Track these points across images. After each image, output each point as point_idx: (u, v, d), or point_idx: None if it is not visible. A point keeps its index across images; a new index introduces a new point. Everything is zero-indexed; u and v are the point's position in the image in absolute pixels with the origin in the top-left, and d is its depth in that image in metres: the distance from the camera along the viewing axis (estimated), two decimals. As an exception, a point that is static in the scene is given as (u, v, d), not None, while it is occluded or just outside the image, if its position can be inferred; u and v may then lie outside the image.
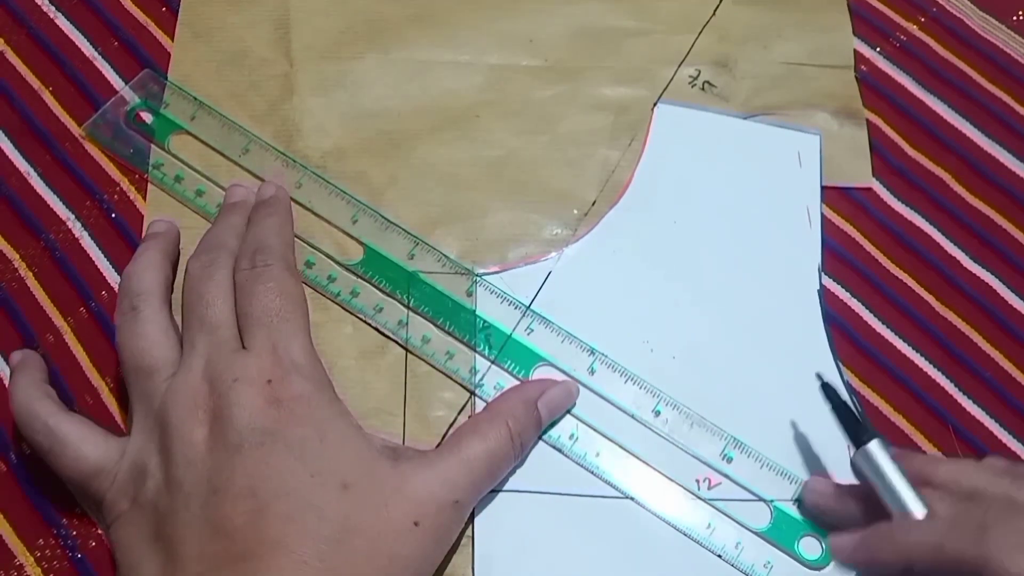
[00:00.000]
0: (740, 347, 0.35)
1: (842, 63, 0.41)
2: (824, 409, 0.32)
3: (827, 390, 0.32)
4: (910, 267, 0.37)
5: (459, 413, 0.34)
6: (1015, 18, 0.42)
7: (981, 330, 0.36)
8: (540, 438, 0.33)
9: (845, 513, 0.31)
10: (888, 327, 0.36)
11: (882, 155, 0.39)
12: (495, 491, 0.32)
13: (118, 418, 0.33)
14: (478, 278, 0.36)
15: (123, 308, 0.31)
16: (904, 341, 0.36)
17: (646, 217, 0.37)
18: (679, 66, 0.40)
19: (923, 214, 0.38)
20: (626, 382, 0.34)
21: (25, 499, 0.32)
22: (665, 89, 0.40)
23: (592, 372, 0.34)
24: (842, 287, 0.37)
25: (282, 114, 0.38)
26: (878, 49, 0.41)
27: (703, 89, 0.40)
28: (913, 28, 0.42)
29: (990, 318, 0.36)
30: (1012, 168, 0.39)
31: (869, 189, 0.38)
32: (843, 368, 0.35)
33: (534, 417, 0.32)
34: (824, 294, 0.36)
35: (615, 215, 0.37)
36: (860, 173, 0.39)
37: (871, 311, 0.36)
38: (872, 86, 0.41)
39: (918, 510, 0.29)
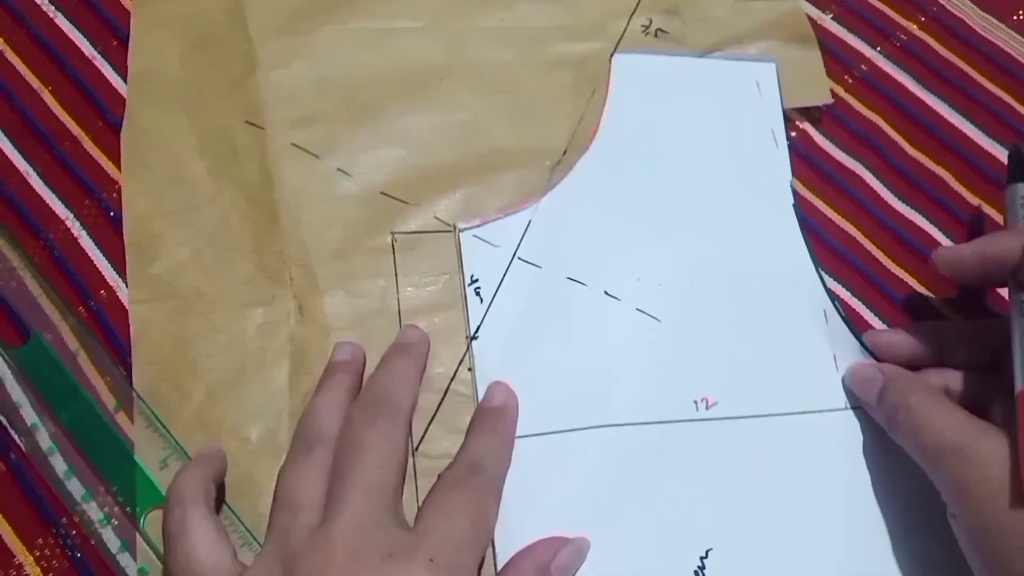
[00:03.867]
0: (724, 266, 0.36)
1: None
2: (809, 321, 0.35)
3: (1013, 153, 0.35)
4: (910, 267, 0.37)
5: (459, 365, 0.34)
6: (1015, 17, 0.42)
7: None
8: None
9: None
10: (888, 326, 0.36)
11: (882, 155, 0.39)
12: None
13: (118, 418, 0.33)
14: (463, 232, 0.36)
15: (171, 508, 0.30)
16: (904, 341, 0.36)
17: (617, 159, 0.38)
18: (631, 17, 0.41)
19: (923, 213, 0.38)
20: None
21: (25, 499, 0.32)
22: (620, 40, 0.40)
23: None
24: (843, 287, 0.37)
25: (247, 89, 0.39)
26: (878, 49, 0.41)
27: (656, 36, 0.41)
28: (913, 28, 0.42)
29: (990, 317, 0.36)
30: (1012, 168, 0.39)
31: (870, 189, 0.38)
32: (824, 275, 0.36)
33: None
34: (799, 208, 0.37)
35: (587, 161, 0.38)
36: (818, 93, 0.40)
37: (872, 311, 0.36)
38: (872, 86, 0.40)
39: None
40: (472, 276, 0.35)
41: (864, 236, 0.38)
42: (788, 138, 0.39)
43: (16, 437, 0.33)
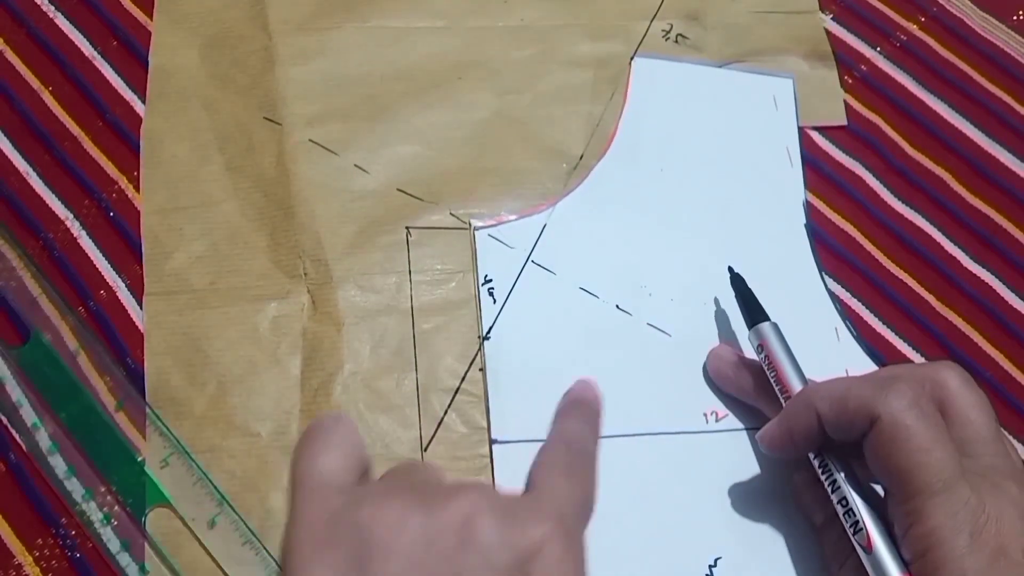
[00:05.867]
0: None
1: (807, 8, 0.42)
2: (819, 338, 0.35)
3: (735, 279, 0.34)
4: (910, 267, 0.37)
5: (470, 365, 0.34)
6: (1015, 18, 0.42)
7: (981, 330, 0.36)
8: None
9: (741, 382, 0.33)
10: (888, 327, 0.36)
11: (882, 155, 0.39)
12: (512, 442, 0.33)
13: (117, 417, 0.33)
14: (478, 231, 0.36)
15: None
16: (904, 341, 0.36)
17: (633, 167, 0.38)
18: (651, 21, 0.41)
19: (923, 214, 0.38)
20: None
21: (25, 499, 0.32)
22: (641, 43, 0.41)
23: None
24: (842, 287, 0.37)
25: (265, 85, 0.39)
26: (878, 49, 0.41)
27: (676, 42, 0.41)
28: (913, 28, 0.42)
29: (990, 317, 0.36)
30: (1012, 168, 0.39)
31: (869, 189, 0.38)
32: (827, 279, 0.36)
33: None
34: (811, 227, 0.37)
35: (603, 167, 0.38)
36: (833, 113, 0.40)
37: (871, 311, 0.36)
38: (872, 86, 0.41)
39: (798, 386, 0.30)
40: (486, 276, 0.35)
41: (864, 236, 0.38)
42: (802, 154, 0.39)
43: (16, 437, 0.33)
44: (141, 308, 0.35)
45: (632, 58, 0.40)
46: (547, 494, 0.25)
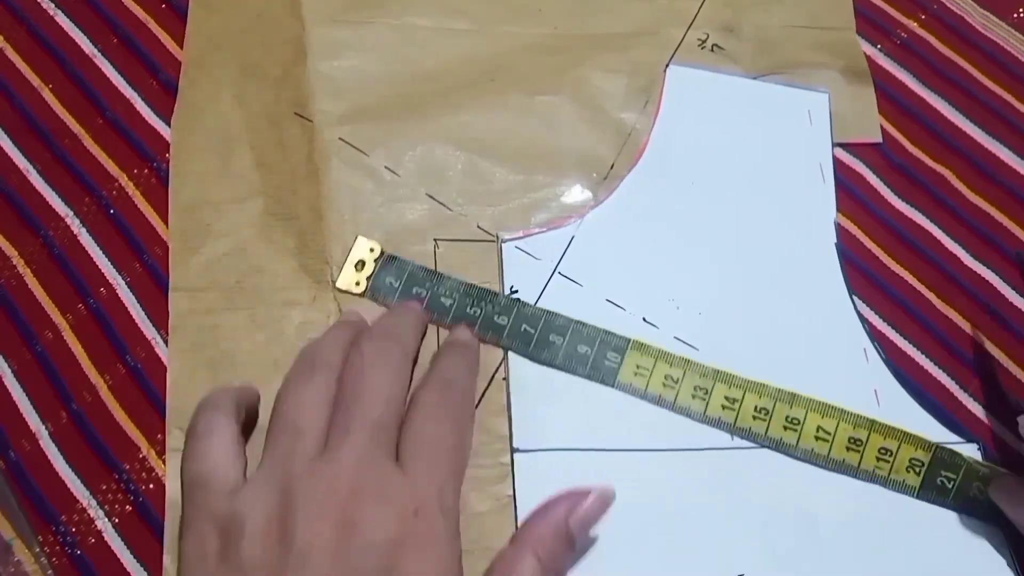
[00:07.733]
0: (763, 300, 0.36)
1: (843, 25, 0.41)
2: (847, 358, 0.35)
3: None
4: (910, 265, 0.37)
5: (494, 373, 0.34)
6: (1015, 15, 0.42)
7: (982, 328, 0.36)
8: None
9: None
10: (889, 325, 0.36)
11: (883, 152, 0.39)
12: (534, 451, 0.33)
13: (117, 416, 0.33)
14: (505, 243, 0.36)
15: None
16: (904, 338, 0.36)
17: (664, 179, 0.38)
18: (687, 29, 0.41)
19: (924, 211, 0.38)
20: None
21: (25, 498, 0.32)
22: (676, 50, 0.40)
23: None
24: (869, 307, 0.36)
25: (296, 78, 0.38)
26: (879, 46, 0.41)
27: (712, 51, 0.40)
28: (913, 25, 0.42)
29: (991, 316, 0.36)
30: (1013, 165, 0.39)
31: (869, 187, 0.38)
32: (855, 299, 0.36)
33: (565, 541, 0.29)
34: (842, 246, 0.37)
35: (634, 178, 0.38)
36: (869, 129, 0.39)
37: (872, 309, 0.36)
38: (873, 83, 0.40)
39: None
40: (512, 287, 0.35)
41: (863, 233, 0.38)
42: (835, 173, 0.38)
43: (16, 436, 0.33)
44: (142, 306, 0.35)
45: (667, 66, 0.40)
46: (414, 475, 0.27)
